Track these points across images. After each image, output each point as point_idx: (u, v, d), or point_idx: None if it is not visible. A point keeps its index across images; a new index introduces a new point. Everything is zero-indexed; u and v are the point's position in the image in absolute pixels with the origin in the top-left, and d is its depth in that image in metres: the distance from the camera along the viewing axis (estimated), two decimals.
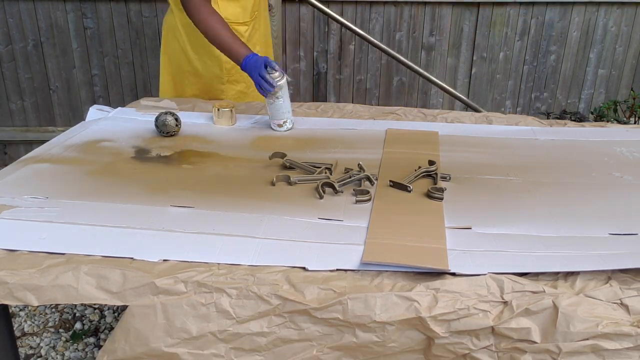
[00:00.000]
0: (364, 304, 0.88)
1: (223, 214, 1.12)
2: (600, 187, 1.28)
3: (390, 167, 1.37)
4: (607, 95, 3.25)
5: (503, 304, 0.87)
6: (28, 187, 1.23)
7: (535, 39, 3.11)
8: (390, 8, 3.02)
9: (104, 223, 1.07)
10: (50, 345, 1.87)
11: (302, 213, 1.13)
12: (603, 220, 1.11)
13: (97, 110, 1.78)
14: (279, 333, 0.89)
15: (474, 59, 3.14)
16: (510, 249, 1.00)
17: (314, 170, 1.33)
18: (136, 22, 3.02)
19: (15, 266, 0.94)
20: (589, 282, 0.91)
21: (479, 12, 3.05)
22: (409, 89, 3.19)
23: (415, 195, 1.22)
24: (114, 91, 3.16)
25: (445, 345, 0.87)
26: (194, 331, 0.89)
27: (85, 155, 1.43)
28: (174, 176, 1.31)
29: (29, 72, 3.07)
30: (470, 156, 1.46)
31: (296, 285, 0.90)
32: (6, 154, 3.22)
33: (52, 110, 3.16)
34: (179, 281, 0.90)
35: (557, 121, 1.74)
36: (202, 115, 1.74)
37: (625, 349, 0.83)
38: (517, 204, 1.19)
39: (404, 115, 1.78)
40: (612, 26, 3.11)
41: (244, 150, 1.49)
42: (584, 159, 1.45)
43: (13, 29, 2.98)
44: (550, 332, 0.84)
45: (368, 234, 1.04)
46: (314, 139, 1.57)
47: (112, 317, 2.01)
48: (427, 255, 0.96)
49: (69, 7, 2.97)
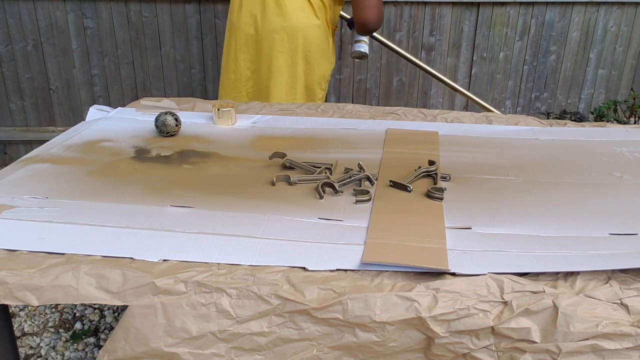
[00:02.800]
0: (364, 304, 0.88)
1: (223, 214, 1.12)
2: (600, 187, 1.28)
3: (390, 167, 1.37)
4: (607, 95, 3.25)
5: (503, 304, 0.87)
6: (28, 187, 1.23)
7: (535, 39, 3.12)
8: (390, 8, 3.02)
9: (104, 223, 1.07)
10: (50, 345, 1.87)
11: (302, 213, 1.13)
12: (603, 220, 1.11)
13: (97, 110, 1.78)
14: (279, 333, 0.89)
15: (474, 59, 3.15)
16: (510, 249, 1.00)
17: (314, 170, 1.33)
18: (136, 22, 3.02)
19: (15, 266, 0.94)
20: (589, 282, 0.91)
21: (479, 12, 3.05)
22: (409, 89, 3.19)
23: (415, 195, 1.22)
24: (114, 91, 3.16)
25: (445, 345, 0.87)
26: (194, 331, 0.89)
27: (85, 155, 1.44)
28: (174, 176, 1.31)
29: (29, 72, 3.07)
30: (470, 156, 1.46)
31: (296, 285, 0.90)
32: (6, 154, 3.22)
33: (52, 110, 3.16)
34: (179, 281, 0.90)
35: (557, 121, 1.74)
36: (202, 115, 1.74)
37: (625, 349, 0.83)
38: (517, 204, 1.19)
39: (404, 115, 1.78)
40: (612, 26, 3.11)
41: (244, 150, 1.49)
42: (584, 158, 1.45)
43: (13, 29, 2.98)
44: (550, 332, 0.84)
45: (368, 234, 1.04)
46: (314, 139, 1.57)
47: (112, 317, 2.01)
48: (427, 255, 0.96)
49: (69, 7, 2.97)
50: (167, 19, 3.03)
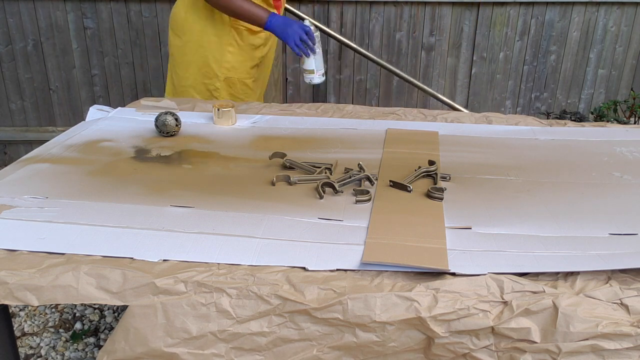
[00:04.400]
0: (364, 304, 0.88)
1: (223, 214, 1.12)
2: (600, 187, 1.28)
3: (390, 167, 1.37)
4: (607, 95, 3.25)
5: (503, 304, 0.87)
6: (28, 187, 1.23)
7: (535, 39, 3.12)
8: (390, 8, 3.02)
9: (104, 223, 1.07)
10: (50, 345, 1.87)
11: (302, 213, 1.13)
12: (603, 220, 1.11)
13: (97, 110, 1.78)
14: (279, 333, 0.89)
15: (474, 59, 3.14)
16: (510, 249, 1.00)
17: (314, 170, 1.33)
18: (136, 22, 3.02)
19: (15, 266, 0.94)
20: (589, 282, 0.91)
21: (479, 12, 3.05)
22: (409, 89, 3.19)
23: (415, 195, 1.22)
24: (114, 91, 3.16)
25: (445, 345, 0.87)
26: (194, 331, 0.89)
27: (85, 155, 1.44)
28: (174, 176, 1.31)
29: (29, 72, 3.07)
30: (470, 156, 1.46)
31: (296, 285, 0.90)
32: (6, 154, 3.22)
33: (52, 110, 3.16)
34: (179, 281, 0.90)
35: (557, 121, 1.74)
36: (202, 115, 1.74)
37: (625, 349, 0.83)
38: (517, 204, 1.19)
39: (404, 116, 1.78)
40: (612, 26, 3.11)
41: (244, 150, 1.49)
42: (584, 159, 1.45)
43: (13, 29, 2.98)
44: (550, 332, 0.84)
45: (368, 234, 1.04)
46: (314, 139, 1.57)
47: (112, 317, 2.01)
48: (427, 255, 0.96)
49: (69, 7, 2.97)
50: (167, 19, 3.02)
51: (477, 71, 3.17)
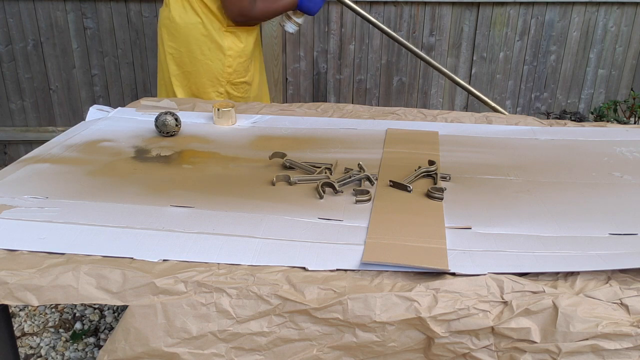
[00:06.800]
0: (364, 304, 0.88)
1: (223, 214, 1.12)
2: (600, 187, 1.28)
3: (390, 167, 1.37)
4: (607, 95, 3.25)
5: (503, 304, 0.87)
6: (28, 187, 1.23)
7: (535, 39, 3.12)
8: (390, 8, 3.02)
9: (104, 223, 1.07)
10: (50, 345, 1.87)
11: (302, 213, 1.13)
12: (603, 220, 1.11)
13: (97, 110, 1.78)
14: (279, 333, 0.89)
15: (474, 59, 3.15)
16: (510, 249, 1.00)
17: (314, 170, 1.33)
18: (136, 22, 3.02)
19: (15, 266, 0.94)
20: (588, 282, 0.91)
21: (479, 12, 3.05)
22: (409, 89, 3.20)
23: (415, 195, 1.22)
24: (114, 91, 3.16)
25: (445, 345, 0.87)
26: (194, 331, 0.89)
27: (85, 155, 1.44)
28: (174, 176, 1.31)
29: (29, 72, 3.07)
30: (470, 156, 1.46)
31: (296, 285, 0.90)
32: (6, 154, 3.22)
33: (52, 110, 3.16)
34: (179, 281, 0.90)
35: (557, 121, 1.74)
36: (202, 115, 1.74)
37: (625, 349, 0.83)
38: (517, 203, 1.19)
39: (404, 116, 1.78)
40: (612, 26, 3.11)
41: (244, 150, 1.49)
42: (584, 158, 1.45)
43: (13, 29, 2.98)
44: (550, 332, 0.84)
45: (368, 234, 1.04)
46: (314, 139, 1.57)
47: (112, 317, 2.01)
48: (427, 255, 0.96)
49: (69, 7, 2.97)
50: None
51: (477, 71, 3.17)
